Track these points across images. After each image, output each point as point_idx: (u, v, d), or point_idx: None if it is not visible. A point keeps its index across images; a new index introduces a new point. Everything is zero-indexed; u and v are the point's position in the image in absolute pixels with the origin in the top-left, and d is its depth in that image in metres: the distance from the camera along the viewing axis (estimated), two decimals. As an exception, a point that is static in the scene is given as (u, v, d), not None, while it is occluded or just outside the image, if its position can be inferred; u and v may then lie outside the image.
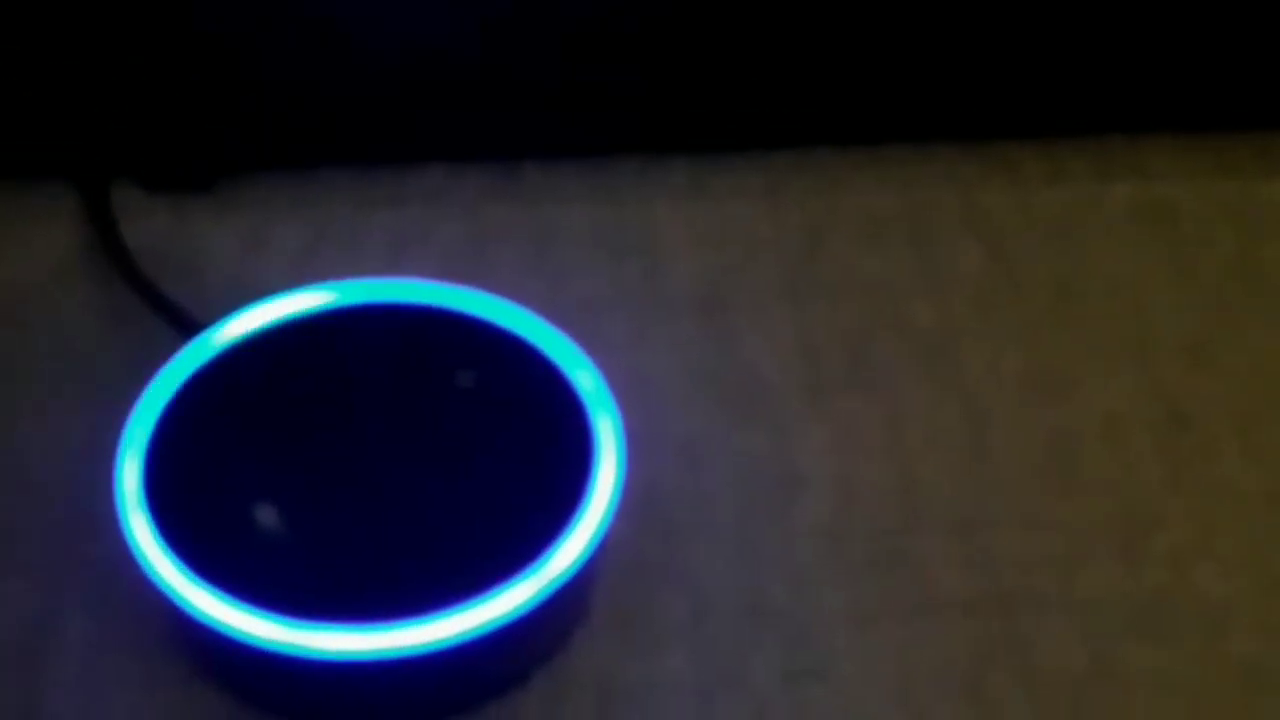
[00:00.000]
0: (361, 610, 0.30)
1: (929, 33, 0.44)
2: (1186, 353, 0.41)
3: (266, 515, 0.31)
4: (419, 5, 0.42)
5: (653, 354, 0.41)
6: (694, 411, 0.39)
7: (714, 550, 0.36)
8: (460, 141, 0.45)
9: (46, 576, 0.34)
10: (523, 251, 0.43)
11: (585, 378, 0.34)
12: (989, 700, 0.34)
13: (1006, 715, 0.34)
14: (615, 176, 0.45)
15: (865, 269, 0.43)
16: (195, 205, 0.43)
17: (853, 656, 0.34)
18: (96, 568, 0.34)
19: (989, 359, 0.41)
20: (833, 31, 0.44)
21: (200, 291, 0.40)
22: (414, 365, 0.34)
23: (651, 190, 0.45)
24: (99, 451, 0.36)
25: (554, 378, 0.34)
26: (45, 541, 0.35)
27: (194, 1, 0.41)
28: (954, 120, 0.46)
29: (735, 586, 0.35)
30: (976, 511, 0.37)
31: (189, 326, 0.38)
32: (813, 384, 0.40)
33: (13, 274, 0.41)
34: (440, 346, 0.35)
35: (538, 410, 0.34)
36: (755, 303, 0.42)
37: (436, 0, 0.42)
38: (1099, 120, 0.46)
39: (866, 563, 0.36)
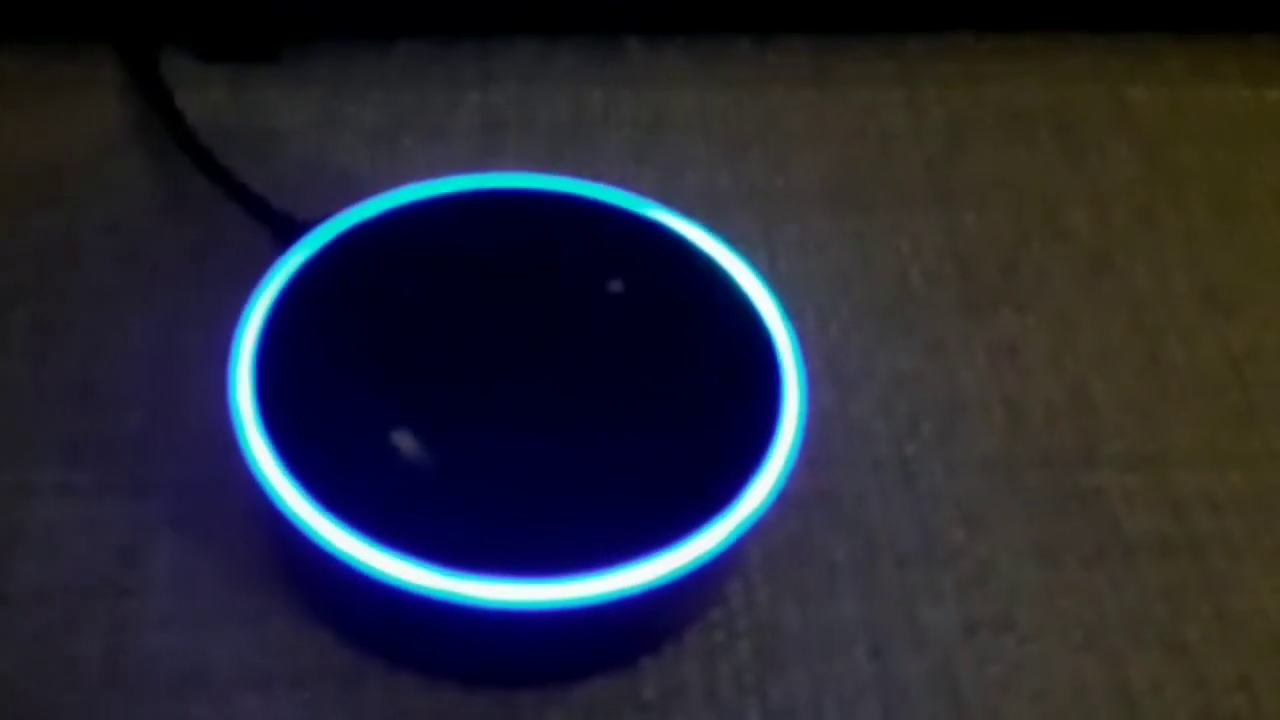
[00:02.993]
0: (520, 557, 0.25)
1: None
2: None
3: (405, 443, 0.26)
4: None
5: (784, 258, 0.36)
6: (834, 324, 0.35)
7: (875, 482, 0.32)
8: (553, 12, 0.40)
9: (130, 499, 0.30)
10: (630, 138, 0.38)
11: (759, 292, 0.29)
12: (1186, 649, 0.30)
13: (1205, 666, 0.30)
14: (727, 57, 0.40)
15: (1013, 169, 0.38)
16: (256, 77, 0.38)
17: (1038, 603, 0.30)
18: (189, 487, 0.30)
19: (1155, 271, 0.37)
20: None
21: (270, 174, 0.35)
22: (564, 269, 0.29)
23: (769, 73, 0.40)
24: (168, 353, 0.32)
25: (721, 289, 0.29)
26: (122, 458, 0.30)
27: None
28: (1093, 8, 0.41)
29: (903, 524, 0.31)
30: (1157, 443, 0.33)
31: (261, 209, 0.33)
32: (966, 295, 0.36)
33: (55, 151, 0.36)
34: (593, 248, 0.30)
35: (707, 325, 0.29)
36: (895, 203, 0.37)
37: None
38: (1244, 17, 0.42)
39: (1044, 499, 0.32)
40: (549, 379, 0.28)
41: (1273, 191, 0.39)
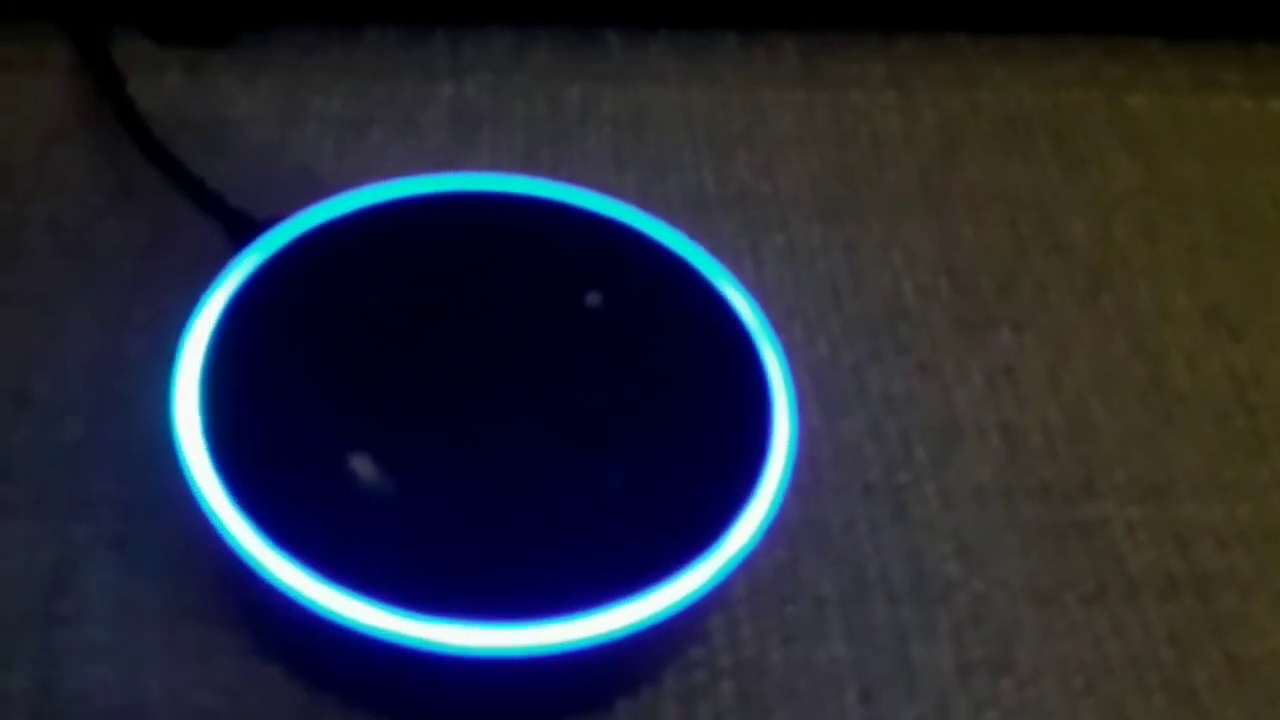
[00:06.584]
0: (484, 600, 0.23)
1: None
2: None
3: (363, 472, 0.24)
4: None
5: (771, 267, 0.34)
6: (823, 340, 0.33)
7: (865, 510, 0.30)
8: (530, 1, 0.38)
9: (66, 518, 0.27)
10: (610, 138, 0.36)
11: (745, 308, 0.27)
12: (1192, 694, 0.28)
13: (1214, 713, 0.28)
14: (712, 54, 0.38)
15: (1009, 179, 0.37)
16: (214, 63, 0.36)
17: (1036, 643, 0.29)
18: (130, 507, 0.27)
19: (1157, 289, 0.35)
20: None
21: (227, 167, 0.33)
22: (537, 281, 0.27)
23: (756, 72, 0.38)
24: (111, 360, 0.30)
25: (705, 304, 0.27)
26: (55, 474, 0.28)
27: None
28: (1089, 11, 0.40)
29: (894, 556, 0.30)
30: (1160, 472, 0.32)
31: (216, 206, 0.31)
32: (960, 312, 0.34)
33: (-4, 136, 0.33)
34: (568, 258, 0.28)
35: (689, 345, 0.27)
36: (888, 212, 0.36)
37: None
38: (1244, 24, 0.41)
39: (1043, 531, 0.30)
40: (519, 402, 0.26)
41: (1275, 202, 0.37)
